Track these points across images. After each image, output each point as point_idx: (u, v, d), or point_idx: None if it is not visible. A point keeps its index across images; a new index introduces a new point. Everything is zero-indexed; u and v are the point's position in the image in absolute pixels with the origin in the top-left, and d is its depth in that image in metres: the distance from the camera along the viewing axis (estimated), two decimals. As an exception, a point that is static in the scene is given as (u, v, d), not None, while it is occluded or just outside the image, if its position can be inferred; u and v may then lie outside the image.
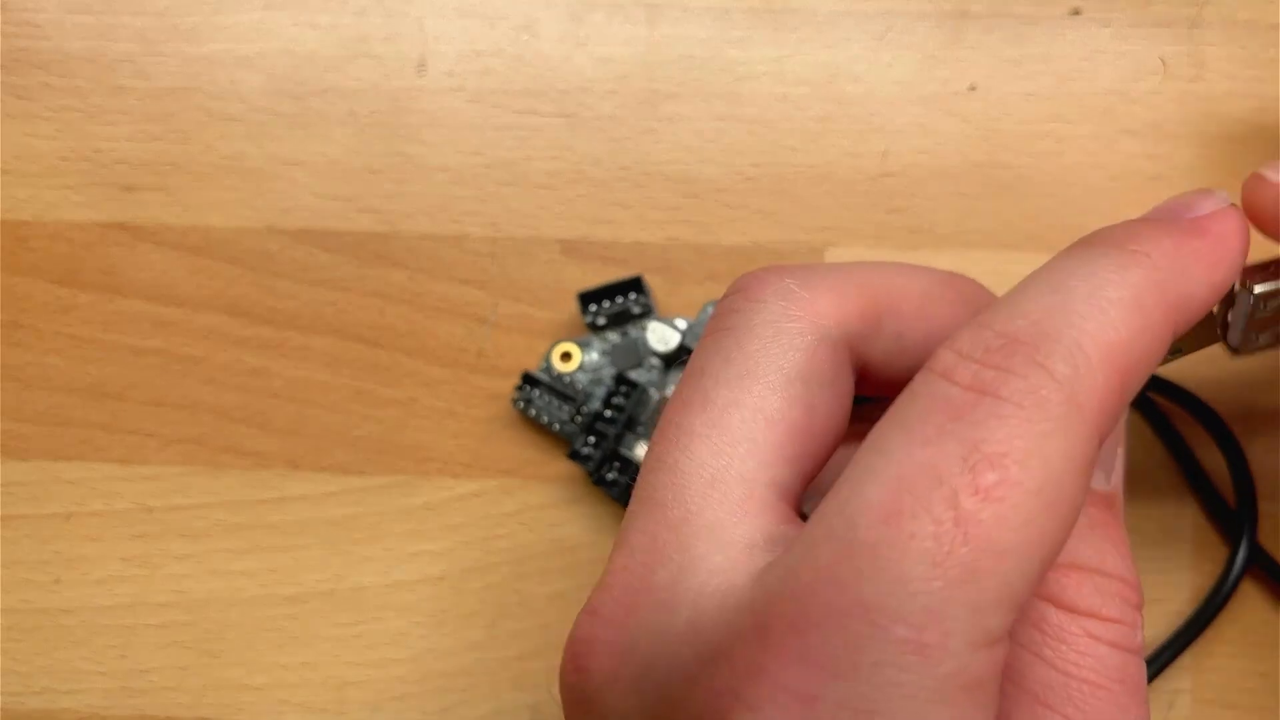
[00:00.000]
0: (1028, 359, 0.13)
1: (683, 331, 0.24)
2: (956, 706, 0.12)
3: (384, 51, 0.26)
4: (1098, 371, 0.13)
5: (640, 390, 0.23)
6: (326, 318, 0.25)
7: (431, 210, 0.26)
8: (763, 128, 0.26)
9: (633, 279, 0.24)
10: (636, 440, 0.24)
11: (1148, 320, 0.14)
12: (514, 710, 0.24)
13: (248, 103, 0.26)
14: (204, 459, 0.25)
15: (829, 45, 0.26)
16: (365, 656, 0.24)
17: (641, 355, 0.24)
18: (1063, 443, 0.13)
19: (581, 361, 0.24)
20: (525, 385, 0.24)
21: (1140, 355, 0.14)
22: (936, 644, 0.12)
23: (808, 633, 0.12)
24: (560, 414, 0.24)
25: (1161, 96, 0.26)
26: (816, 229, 0.25)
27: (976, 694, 0.13)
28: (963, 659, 0.12)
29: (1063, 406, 0.13)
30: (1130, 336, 0.14)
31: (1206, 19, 0.26)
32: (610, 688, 0.15)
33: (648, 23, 0.26)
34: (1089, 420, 0.13)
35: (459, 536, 0.25)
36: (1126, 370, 0.14)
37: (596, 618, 0.15)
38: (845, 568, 0.12)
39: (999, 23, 0.26)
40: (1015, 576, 0.12)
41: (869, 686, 0.12)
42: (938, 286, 0.17)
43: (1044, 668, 0.15)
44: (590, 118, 0.26)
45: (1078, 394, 0.13)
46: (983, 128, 0.26)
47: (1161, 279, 0.14)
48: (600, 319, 0.24)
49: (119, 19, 0.26)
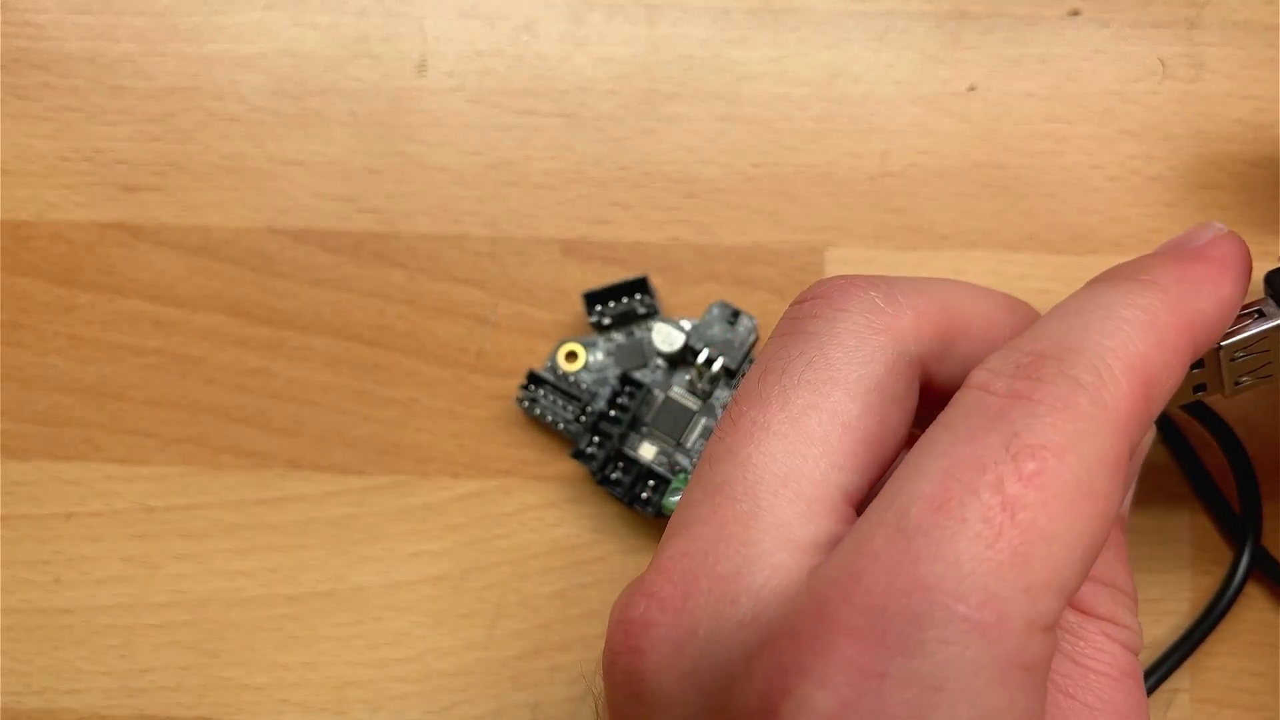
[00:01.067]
0: (1056, 369, 0.14)
1: (687, 332, 0.24)
2: (1017, 687, 0.13)
3: (384, 51, 0.26)
4: (1121, 380, 0.14)
5: (645, 390, 0.23)
6: (326, 318, 0.25)
7: (432, 210, 0.26)
8: (762, 128, 0.26)
9: (638, 279, 0.24)
10: (640, 440, 0.24)
11: (1163, 335, 0.15)
12: (514, 709, 0.24)
13: (248, 103, 0.26)
14: (204, 459, 0.25)
15: (829, 45, 0.26)
16: (365, 656, 0.24)
17: (646, 356, 0.24)
18: (1095, 440, 0.14)
19: (586, 361, 0.24)
20: (530, 384, 0.24)
21: (1160, 368, 0.15)
22: (995, 623, 0.13)
23: (873, 611, 0.13)
24: (565, 413, 0.24)
25: (1160, 97, 0.26)
26: (816, 229, 0.25)
27: (1034, 675, 0.13)
28: (1020, 639, 0.13)
29: (1092, 408, 0.14)
30: (1148, 350, 0.15)
31: (1205, 20, 0.26)
32: (666, 671, 0.15)
33: (647, 23, 0.26)
34: (1117, 423, 0.14)
35: (459, 536, 0.25)
36: (1149, 381, 0.15)
37: (653, 600, 0.15)
38: (902, 552, 0.13)
39: (998, 23, 0.26)
40: (1062, 563, 0.13)
41: (934, 663, 0.13)
42: (1003, 311, 0.18)
43: (1065, 660, 0.16)
44: (590, 118, 0.26)
45: (1104, 398, 0.14)
46: (982, 128, 0.26)
47: (1172, 300, 0.16)
48: (605, 319, 0.24)
49: (119, 19, 0.26)
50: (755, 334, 0.23)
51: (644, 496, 0.23)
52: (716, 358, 0.24)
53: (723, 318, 0.24)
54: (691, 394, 0.24)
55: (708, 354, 0.24)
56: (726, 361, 0.23)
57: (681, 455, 0.24)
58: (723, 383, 0.24)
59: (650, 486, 0.23)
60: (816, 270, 0.25)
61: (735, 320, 0.24)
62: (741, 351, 0.23)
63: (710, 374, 0.24)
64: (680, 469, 0.24)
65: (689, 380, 0.24)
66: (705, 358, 0.24)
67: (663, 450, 0.24)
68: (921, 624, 0.13)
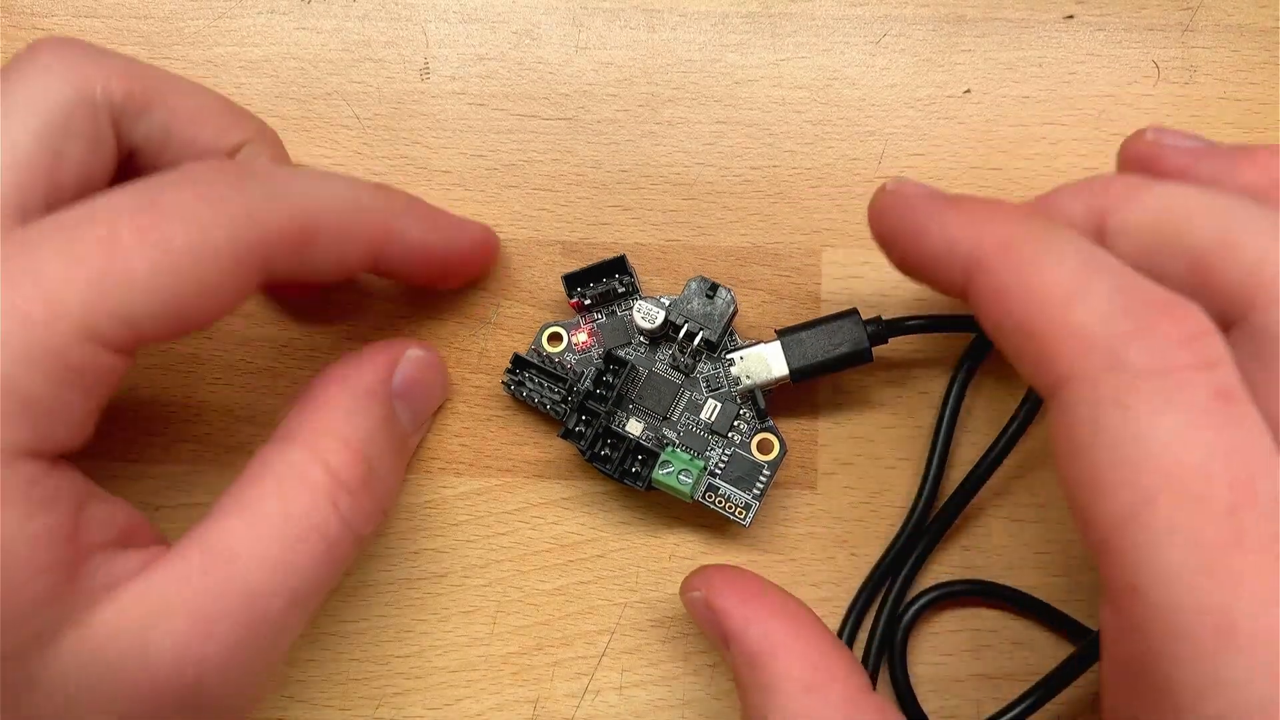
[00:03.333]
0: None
1: (666, 307, 0.24)
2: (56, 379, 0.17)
3: (387, 56, 0.26)
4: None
5: (630, 368, 0.24)
6: (331, 318, 0.26)
7: (434, 212, 0.26)
8: (760, 131, 0.26)
9: (616, 259, 0.24)
10: (627, 417, 0.24)
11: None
12: (515, 705, 0.24)
13: (253, 106, 0.26)
14: (210, 458, 0.25)
15: (826, 49, 0.26)
16: (369, 653, 0.25)
17: (629, 333, 0.25)
18: (217, 231, 0.18)
19: (569, 342, 0.25)
20: (516, 368, 0.24)
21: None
22: (43, 315, 0.17)
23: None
24: (551, 394, 0.24)
25: (1154, 100, 0.26)
26: (813, 230, 0.26)
27: (72, 375, 0.17)
28: (65, 339, 0.17)
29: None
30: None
31: (1199, 24, 0.27)
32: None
33: (647, 27, 0.26)
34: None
35: (461, 534, 0.25)
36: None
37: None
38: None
39: (994, 27, 0.26)
40: (137, 301, 0.17)
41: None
42: (215, 103, 0.22)
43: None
44: (591, 121, 0.26)
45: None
46: (977, 130, 0.26)
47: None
48: (586, 299, 0.24)
49: (125, 23, 0.27)
50: (734, 306, 0.24)
51: (634, 471, 0.23)
52: (697, 331, 0.24)
53: (701, 292, 0.24)
54: (675, 368, 0.24)
55: (688, 328, 0.24)
56: (707, 334, 0.24)
57: (668, 429, 0.24)
58: (704, 356, 0.24)
59: (639, 461, 0.23)
60: (814, 271, 0.26)
61: (714, 294, 0.24)
62: (721, 324, 0.24)
63: (692, 347, 0.24)
64: (668, 442, 0.24)
65: (671, 355, 0.24)
66: (686, 332, 0.24)
67: (649, 425, 0.24)
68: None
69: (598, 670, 0.24)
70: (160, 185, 0.18)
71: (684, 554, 0.25)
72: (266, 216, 0.18)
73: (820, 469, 0.25)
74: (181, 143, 0.22)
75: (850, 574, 0.25)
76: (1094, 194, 0.19)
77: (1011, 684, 0.24)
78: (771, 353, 0.24)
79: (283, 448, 0.20)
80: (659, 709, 0.24)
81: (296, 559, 0.18)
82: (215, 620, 0.17)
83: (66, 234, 0.17)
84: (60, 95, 0.20)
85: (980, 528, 0.25)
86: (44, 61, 0.20)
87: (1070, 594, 0.24)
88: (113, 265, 0.17)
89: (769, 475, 0.24)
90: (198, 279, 0.17)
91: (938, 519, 0.24)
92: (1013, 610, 0.24)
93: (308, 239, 0.19)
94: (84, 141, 0.20)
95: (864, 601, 0.24)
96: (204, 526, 0.18)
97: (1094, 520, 0.15)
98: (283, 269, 0.19)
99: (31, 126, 0.19)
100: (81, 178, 0.20)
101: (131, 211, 0.17)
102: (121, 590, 0.17)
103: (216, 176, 0.19)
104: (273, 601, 0.18)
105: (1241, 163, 0.19)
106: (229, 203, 0.18)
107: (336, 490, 0.19)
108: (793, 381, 0.24)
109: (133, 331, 0.17)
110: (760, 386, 0.24)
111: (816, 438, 0.25)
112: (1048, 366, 0.16)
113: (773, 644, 0.20)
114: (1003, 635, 0.24)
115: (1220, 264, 0.16)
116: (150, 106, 0.21)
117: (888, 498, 0.25)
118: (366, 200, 0.21)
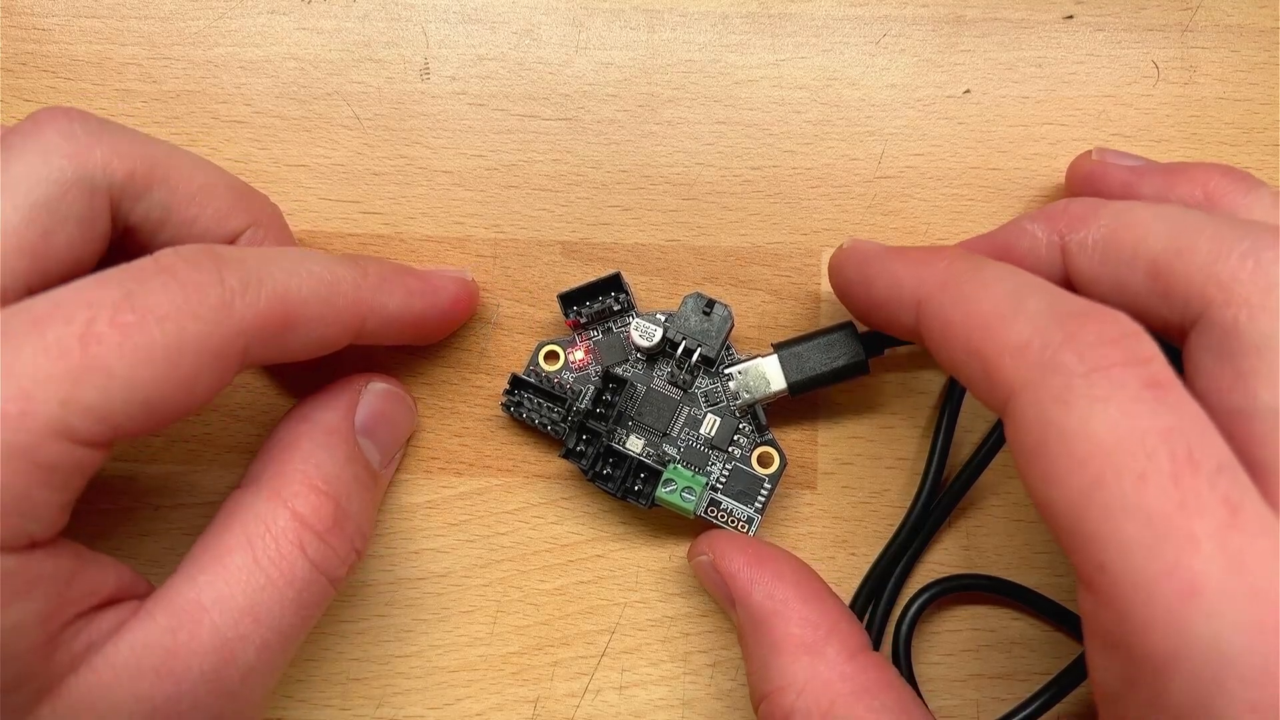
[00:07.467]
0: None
1: (664, 325, 0.24)
2: (45, 481, 0.17)
3: (388, 56, 0.26)
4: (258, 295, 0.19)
5: (628, 385, 0.24)
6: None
7: (435, 212, 0.26)
8: (760, 131, 0.26)
9: (611, 276, 0.24)
10: (627, 435, 0.24)
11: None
12: (515, 704, 0.24)
13: (253, 106, 0.26)
14: (210, 458, 0.25)
15: (826, 50, 0.26)
16: (370, 652, 0.25)
17: (626, 351, 0.25)
18: (195, 325, 0.18)
19: (566, 361, 0.25)
20: (514, 389, 0.24)
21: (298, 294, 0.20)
22: (17, 416, 0.16)
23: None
24: (550, 415, 0.24)
25: (1154, 100, 0.26)
26: (813, 230, 0.26)
27: (56, 474, 0.17)
28: (38, 437, 0.16)
29: (217, 300, 0.18)
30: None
31: (1199, 24, 0.27)
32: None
33: (647, 28, 0.26)
34: (228, 320, 0.18)
35: (462, 534, 0.25)
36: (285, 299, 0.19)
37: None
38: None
39: (993, 27, 0.26)
40: (114, 398, 0.17)
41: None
42: (219, 183, 0.22)
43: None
44: (591, 121, 0.26)
45: (232, 300, 0.19)
46: (977, 131, 0.26)
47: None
48: (583, 318, 0.24)
49: (126, 23, 0.27)
50: (731, 321, 0.24)
51: (636, 489, 0.23)
52: (695, 348, 0.24)
53: (698, 309, 0.24)
54: (673, 384, 0.24)
55: (686, 345, 0.24)
56: (705, 350, 0.24)
57: (668, 445, 0.24)
58: (702, 371, 0.24)
59: (641, 479, 0.23)
60: (814, 271, 0.26)
61: (710, 310, 0.24)
62: (719, 340, 0.24)
63: (690, 364, 0.24)
64: (668, 459, 0.24)
65: (669, 372, 0.24)
66: (684, 349, 0.24)
67: (649, 442, 0.24)
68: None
69: (598, 670, 0.24)
70: (140, 276, 0.17)
71: (684, 554, 0.25)
72: (244, 308, 0.18)
73: (820, 469, 0.25)
74: (181, 222, 0.21)
75: (850, 573, 0.25)
76: (1054, 218, 0.20)
77: (1011, 684, 0.24)
78: (769, 367, 0.24)
79: (249, 494, 0.20)
80: (659, 709, 0.24)
81: (265, 606, 0.19)
82: (181, 677, 0.18)
83: (42, 328, 0.16)
84: (58, 174, 0.19)
85: (980, 528, 0.25)
86: (45, 137, 0.19)
87: (1070, 594, 0.24)
88: (89, 362, 0.16)
89: (770, 488, 0.24)
90: (176, 375, 0.17)
91: (936, 512, 0.24)
92: (1015, 606, 0.25)
93: (287, 326, 0.19)
94: (76, 223, 0.19)
95: (864, 601, 0.24)
96: (174, 579, 0.19)
97: (1055, 510, 0.16)
98: (262, 355, 0.19)
99: (23, 205, 0.19)
100: (70, 259, 0.19)
101: (111, 306, 0.17)
102: (95, 654, 0.18)
103: (195, 266, 0.18)
104: (243, 649, 0.18)
105: (1178, 177, 0.21)
106: (207, 294, 0.18)
107: (303, 534, 0.19)
108: (791, 395, 0.24)
109: (109, 428, 0.17)
110: (759, 401, 0.24)
111: (816, 438, 0.25)
112: (995, 382, 0.17)
113: (776, 605, 0.21)
114: (1003, 635, 0.24)
115: (1175, 268, 0.18)
116: (152, 186, 0.20)
117: (887, 498, 0.25)
118: (345, 278, 0.21)
